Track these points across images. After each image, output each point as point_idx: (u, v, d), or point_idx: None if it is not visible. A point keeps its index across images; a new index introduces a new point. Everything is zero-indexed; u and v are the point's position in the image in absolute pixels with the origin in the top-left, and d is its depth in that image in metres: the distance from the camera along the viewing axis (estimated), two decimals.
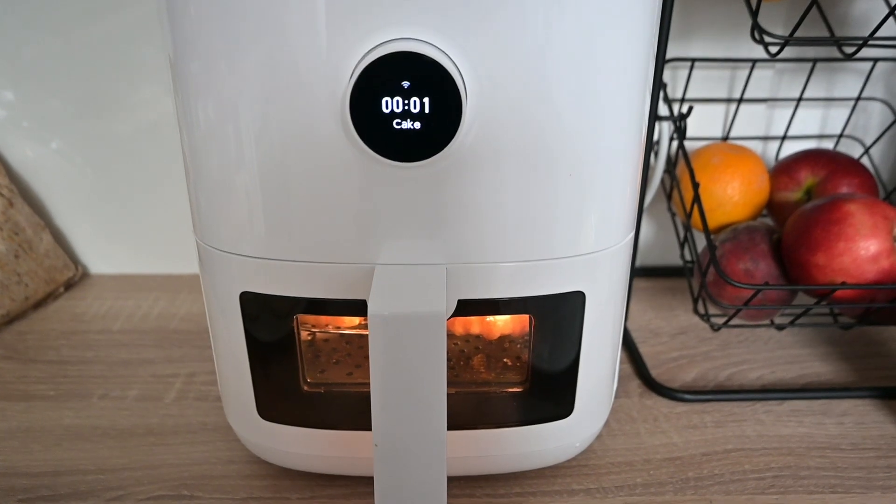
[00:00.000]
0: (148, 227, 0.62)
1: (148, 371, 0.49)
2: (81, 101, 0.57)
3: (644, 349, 0.52)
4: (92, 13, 0.54)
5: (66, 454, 0.41)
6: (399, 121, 0.27)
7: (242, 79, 0.27)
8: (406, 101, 0.26)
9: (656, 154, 0.54)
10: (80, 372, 0.49)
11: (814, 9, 0.39)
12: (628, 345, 0.53)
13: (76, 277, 0.61)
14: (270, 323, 0.33)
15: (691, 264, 0.51)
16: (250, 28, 0.26)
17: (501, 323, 0.36)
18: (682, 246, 0.52)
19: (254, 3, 0.26)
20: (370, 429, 0.30)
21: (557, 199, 0.30)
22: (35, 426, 0.44)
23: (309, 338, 0.36)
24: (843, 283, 0.42)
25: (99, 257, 0.63)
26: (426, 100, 0.26)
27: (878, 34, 0.39)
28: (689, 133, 0.58)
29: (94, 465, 0.40)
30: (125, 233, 0.62)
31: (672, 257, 0.63)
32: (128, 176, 0.60)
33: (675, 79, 0.57)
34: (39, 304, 0.57)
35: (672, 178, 0.53)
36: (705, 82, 0.58)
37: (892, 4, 0.40)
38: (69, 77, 0.56)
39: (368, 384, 0.29)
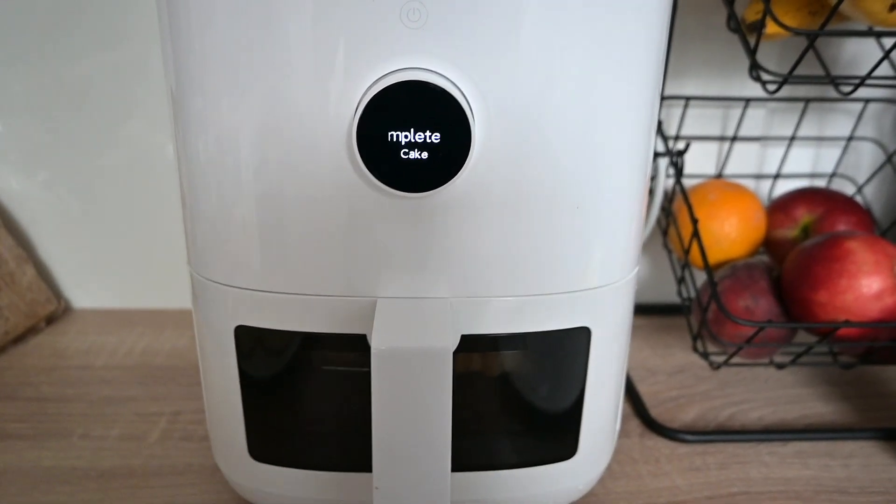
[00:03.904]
0: (133, 262, 0.60)
1: (131, 409, 0.47)
2: (70, 135, 0.56)
3: (642, 388, 0.51)
4: (82, 50, 0.54)
5: (44, 497, 0.39)
6: (406, 151, 0.26)
7: (246, 109, 0.27)
8: (415, 131, 0.26)
9: (652, 191, 0.54)
10: (60, 410, 0.47)
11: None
12: (626, 383, 0.52)
13: (58, 312, 0.59)
14: (266, 358, 0.32)
15: (689, 302, 0.51)
16: (256, 60, 0.26)
17: (504, 359, 0.35)
18: (679, 283, 0.52)
19: (259, 36, 0.26)
20: (370, 470, 0.28)
21: (564, 231, 0.30)
22: (11, 467, 0.41)
23: (306, 374, 0.35)
24: (847, 321, 0.41)
25: (82, 291, 0.61)
26: (436, 130, 0.26)
27: (872, 75, 0.39)
28: (683, 170, 0.58)
29: None
30: (110, 267, 0.61)
31: (667, 295, 0.63)
32: (114, 210, 0.59)
33: (669, 116, 0.58)
34: (19, 339, 0.55)
35: (668, 215, 0.53)
36: (699, 120, 0.58)
37: (887, 47, 0.40)
38: (58, 111, 0.55)
39: (368, 423, 0.28)
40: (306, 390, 0.33)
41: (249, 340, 0.31)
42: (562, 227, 0.29)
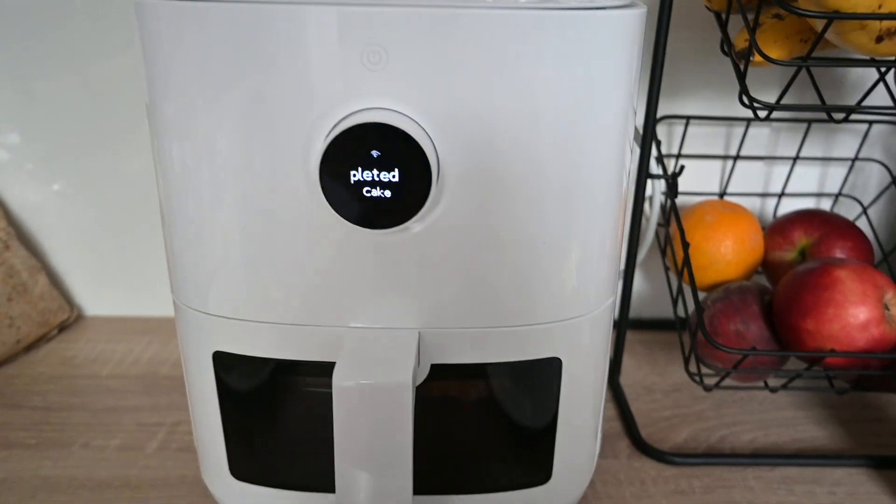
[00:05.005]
0: (146, 269, 0.62)
1: (133, 419, 0.49)
2: (84, 142, 0.57)
3: (636, 406, 0.51)
4: (99, 52, 0.54)
5: None
6: (369, 189, 0.27)
7: (213, 148, 0.28)
8: (376, 170, 0.26)
9: (650, 208, 0.54)
10: (64, 419, 0.49)
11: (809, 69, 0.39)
12: (620, 402, 0.52)
13: (70, 320, 0.61)
14: (244, 382, 0.33)
15: (684, 321, 0.50)
16: (220, 105, 0.27)
17: (475, 387, 0.36)
18: (674, 303, 0.52)
19: (224, 81, 0.27)
20: None
21: (530, 266, 0.30)
22: (12, 476, 0.43)
23: (282, 397, 0.36)
24: (833, 351, 0.41)
25: (95, 299, 0.63)
26: (396, 169, 0.26)
27: (871, 100, 0.39)
28: (686, 188, 0.58)
29: None
30: (123, 274, 0.62)
31: (667, 310, 0.63)
32: (129, 216, 0.60)
33: (670, 135, 0.57)
34: (31, 347, 0.57)
35: (666, 234, 0.52)
36: (702, 138, 0.58)
37: (882, 72, 0.40)
38: (73, 117, 0.56)
39: None
40: (283, 412, 0.34)
41: (228, 366, 0.33)
42: (527, 262, 0.30)
